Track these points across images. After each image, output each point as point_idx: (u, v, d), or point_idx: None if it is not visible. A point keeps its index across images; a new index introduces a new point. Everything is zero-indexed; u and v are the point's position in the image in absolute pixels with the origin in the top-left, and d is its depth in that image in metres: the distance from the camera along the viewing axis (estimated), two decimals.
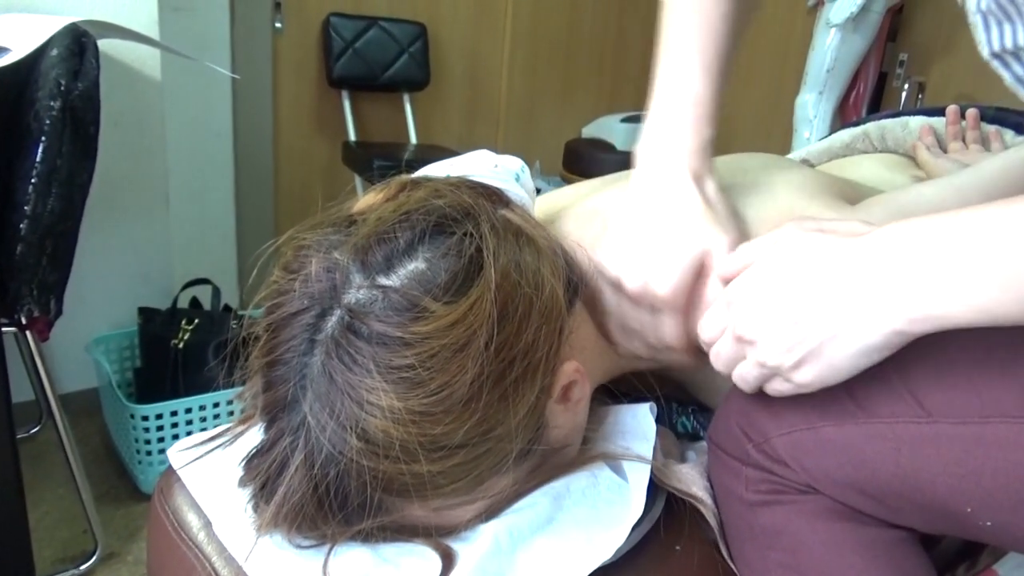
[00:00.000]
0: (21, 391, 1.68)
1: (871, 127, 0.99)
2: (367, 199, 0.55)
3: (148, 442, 1.53)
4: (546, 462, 0.53)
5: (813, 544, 0.51)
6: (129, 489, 1.60)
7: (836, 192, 0.62)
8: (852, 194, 0.64)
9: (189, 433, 1.57)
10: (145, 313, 1.71)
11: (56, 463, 1.64)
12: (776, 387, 0.50)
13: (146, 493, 1.57)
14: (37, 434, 1.74)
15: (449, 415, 0.44)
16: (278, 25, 2.43)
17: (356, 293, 0.45)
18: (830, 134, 1.04)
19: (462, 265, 0.47)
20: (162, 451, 1.54)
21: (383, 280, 0.46)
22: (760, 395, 0.54)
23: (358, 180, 2.50)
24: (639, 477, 0.54)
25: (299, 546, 0.49)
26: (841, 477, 0.49)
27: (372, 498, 0.46)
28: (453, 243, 0.48)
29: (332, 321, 0.45)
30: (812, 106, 2.44)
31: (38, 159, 1.13)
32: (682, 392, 0.71)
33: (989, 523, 0.45)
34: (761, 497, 0.53)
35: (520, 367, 0.47)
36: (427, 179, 0.55)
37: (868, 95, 2.49)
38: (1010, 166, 0.64)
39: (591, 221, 0.63)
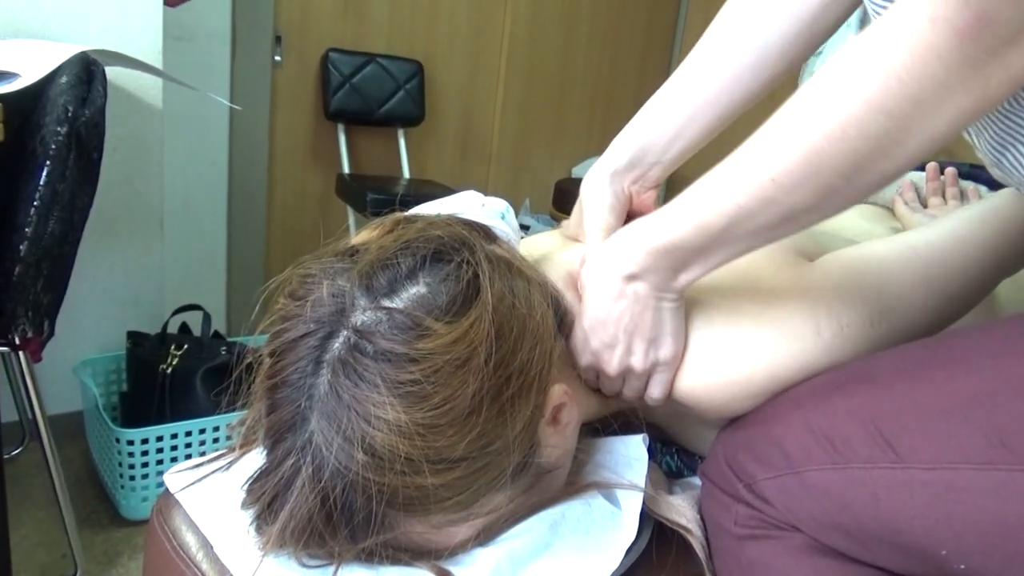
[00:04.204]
0: (4, 412, 1.67)
1: None
2: (365, 234, 0.58)
3: (132, 467, 1.52)
4: (539, 482, 0.55)
5: None
6: (110, 514, 1.58)
7: (796, 248, 0.65)
8: (814, 249, 0.67)
9: (174, 459, 1.57)
10: (134, 337, 1.71)
11: (36, 486, 1.62)
12: (661, 379, 0.60)
13: (127, 519, 1.56)
14: (19, 456, 1.73)
15: (452, 428, 0.47)
16: (278, 58, 2.47)
17: (362, 315, 0.48)
18: None
19: (460, 289, 0.50)
20: (145, 476, 1.54)
21: (387, 303, 0.48)
22: (746, 439, 0.57)
23: (351, 212, 2.52)
24: (632, 504, 0.56)
25: (304, 565, 0.51)
26: (825, 520, 0.51)
27: (377, 512, 0.47)
28: (451, 269, 0.51)
29: (339, 342, 0.48)
30: None
31: (41, 182, 1.15)
32: (665, 435, 0.74)
33: (963, 566, 0.47)
34: (749, 532, 0.55)
35: (516, 384, 0.50)
36: (421, 216, 0.58)
37: None
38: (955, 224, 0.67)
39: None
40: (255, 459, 0.54)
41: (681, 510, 0.59)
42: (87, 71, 1.21)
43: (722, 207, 0.49)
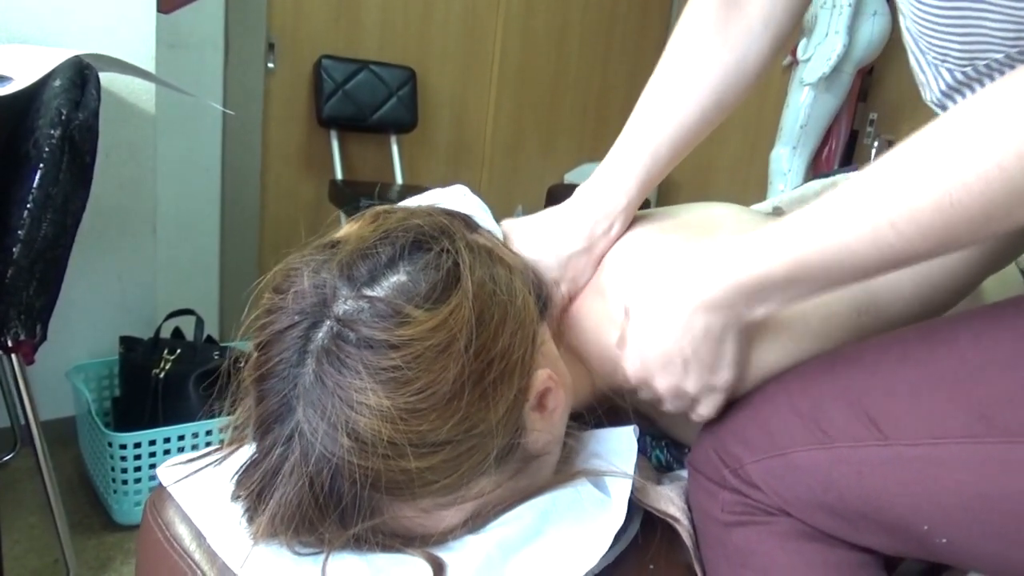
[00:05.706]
0: None
1: (840, 178, 1.04)
2: (347, 228, 0.59)
3: (125, 471, 1.52)
4: (527, 468, 0.56)
5: (783, 564, 0.54)
6: (102, 520, 1.58)
7: None
8: None
9: None
10: (127, 342, 1.71)
11: (28, 492, 1.62)
12: (711, 401, 0.59)
13: (120, 523, 1.55)
14: (10, 461, 1.72)
15: (434, 412, 0.48)
16: (271, 65, 2.49)
17: (343, 304, 0.49)
18: None
19: (440, 277, 0.51)
20: (138, 480, 1.54)
21: (368, 291, 0.49)
22: (733, 425, 0.58)
23: (343, 218, 2.53)
24: (621, 490, 0.57)
25: (297, 553, 0.51)
26: (810, 500, 0.52)
27: (363, 496, 0.48)
28: (431, 258, 0.51)
29: (322, 331, 0.49)
30: (786, 160, 2.53)
31: (35, 185, 1.15)
32: (655, 428, 0.75)
33: (945, 540, 0.48)
34: (735, 518, 0.56)
35: (498, 368, 0.51)
36: (401, 207, 0.59)
37: (840, 151, 2.59)
38: None
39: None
40: (247, 453, 0.55)
41: (669, 499, 0.60)
42: (80, 75, 1.22)
43: (826, 243, 0.47)
